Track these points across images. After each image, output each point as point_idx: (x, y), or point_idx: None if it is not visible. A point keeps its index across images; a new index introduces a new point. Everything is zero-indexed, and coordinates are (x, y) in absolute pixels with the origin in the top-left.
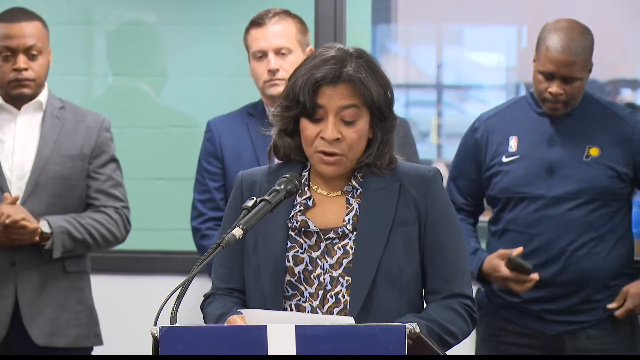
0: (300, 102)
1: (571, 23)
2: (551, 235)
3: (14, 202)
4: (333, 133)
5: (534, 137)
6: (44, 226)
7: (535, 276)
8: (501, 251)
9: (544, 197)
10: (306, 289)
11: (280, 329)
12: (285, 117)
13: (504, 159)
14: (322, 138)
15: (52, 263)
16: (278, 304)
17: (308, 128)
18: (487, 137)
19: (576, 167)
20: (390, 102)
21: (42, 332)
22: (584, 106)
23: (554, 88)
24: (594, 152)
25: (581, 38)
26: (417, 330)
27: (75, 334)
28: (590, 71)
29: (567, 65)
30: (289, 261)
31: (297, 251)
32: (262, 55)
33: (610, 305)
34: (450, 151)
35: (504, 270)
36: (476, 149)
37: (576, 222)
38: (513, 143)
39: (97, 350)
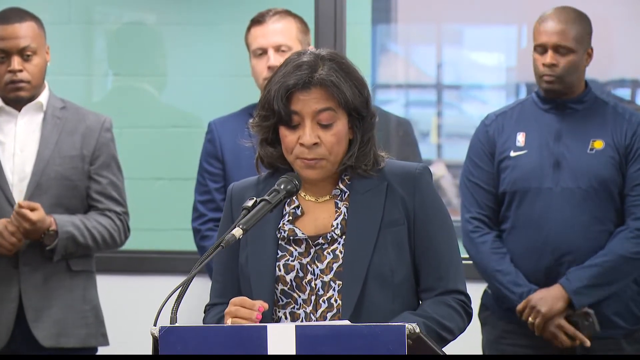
0: (275, 111)
1: (566, 6)
2: (559, 231)
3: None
4: (311, 138)
5: (541, 132)
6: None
7: (588, 342)
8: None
9: (552, 190)
10: (299, 296)
11: (280, 329)
12: (264, 126)
13: (512, 154)
14: (301, 144)
15: (56, 263)
16: (270, 314)
17: (287, 136)
18: (499, 133)
19: (581, 160)
20: (366, 101)
21: (49, 333)
22: (589, 103)
23: (547, 59)
24: (598, 144)
25: (575, 15)
26: (417, 330)
27: (84, 334)
28: (589, 55)
29: (558, 33)
30: (280, 270)
31: (288, 259)
32: (262, 52)
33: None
34: (450, 151)
35: (562, 322)
36: (490, 145)
37: (584, 217)
38: (521, 138)
39: (99, 351)
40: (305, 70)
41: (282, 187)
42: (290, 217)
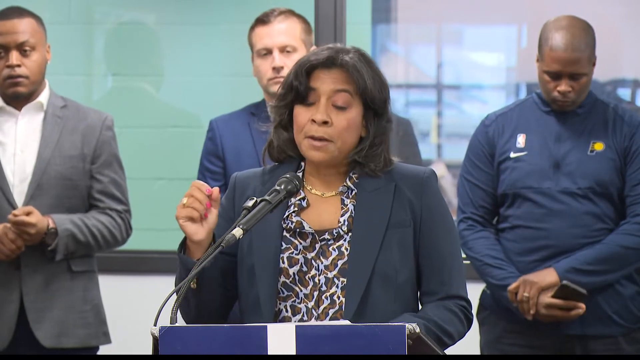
0: (293, 86)
1: (571, 20)
2: (560, 230)
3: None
4: (323, 115)
5: (541, 134)
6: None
7: (583, 306)
8: (538, 284)
9: (551, 191)
10: (301, 290)
11: (280, 329)
12: (281, 107)
13: (512, 155)
14: (313, 121)
15: (57, 264)
16: (272, 304)
17: (300, 114)
18: (499, 134)
19: (581, 162)
20: (385, 100)
21: (50, 333)
22: (590, 106)
23: (563, 87)
24: (599, 146)
25: (583, 34)
26: (417, 330)
27: (84, 334)
28: (594, 64)
29: (573, 63)
30: (283, 262)
31: (292, 252)
32: (267, 52)
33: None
34: (450, 151)
35: (550, 299)
36: (490, 146)
37: (584, 216)
38: (521, 140)
39: (101, 349)
40: (331, 52)
41: (282, 187)
42: (296, 209)
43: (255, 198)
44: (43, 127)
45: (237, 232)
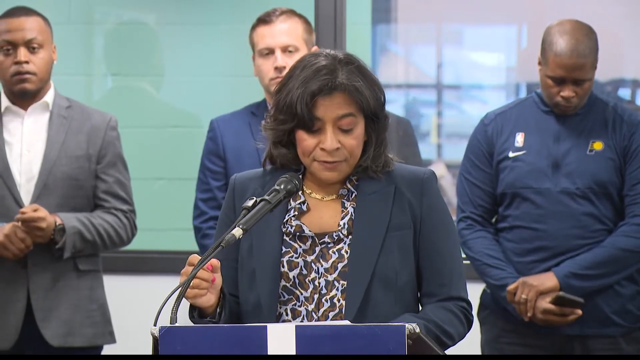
0: (297, 115)
1: (575, 25)
2: (559, 231)
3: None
4: (333, 143)
5: (540, 133)
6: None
7: (579, 311)
8: (537, 288)
9: (550, 192)
10: (301, 293)
11: (280, 329)
12: (280, 129)
13: (511, 154)
14: (322, 149)
15: (64, 262)
16: (274, 309)
17: (306, 139)
18: (497, 133)
19: (581, 161)
20: (382, 104)
21: (57, 332)
22: (589, 105)
23: (567, 92)
24: (598, 146)
25: (587, 39)
26: (417, 330)
27: (91, 333)
28: (596, 67)
29: (577, 68)
30: (283, 266)
31: (292, 256)
32: (269, 52)
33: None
34: (450, 151)
35: (547, 305)
36: (488, 145)
37: (583, 217)
38: (520, 139)
39: (105, 348)
40: (327, 75)
41: (282, 187)
42: (296, 213)
43: (254, 198)
44: (49, 127)
45: (237, 232)
